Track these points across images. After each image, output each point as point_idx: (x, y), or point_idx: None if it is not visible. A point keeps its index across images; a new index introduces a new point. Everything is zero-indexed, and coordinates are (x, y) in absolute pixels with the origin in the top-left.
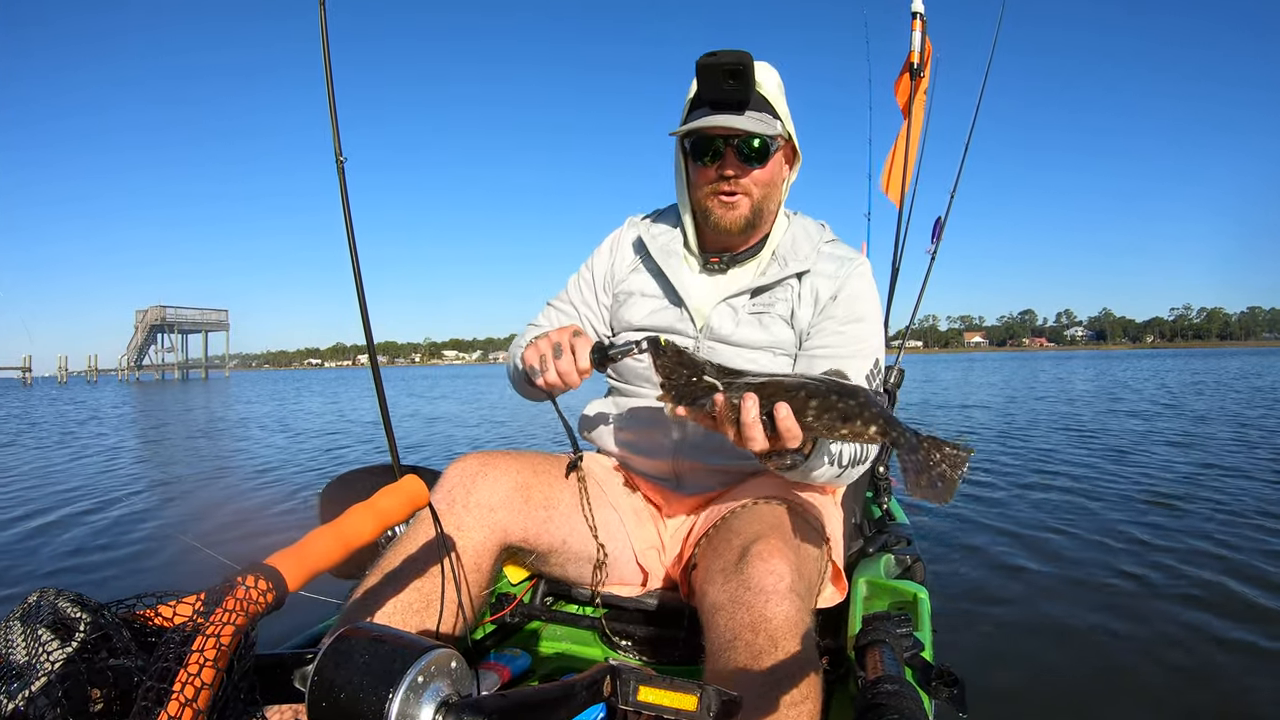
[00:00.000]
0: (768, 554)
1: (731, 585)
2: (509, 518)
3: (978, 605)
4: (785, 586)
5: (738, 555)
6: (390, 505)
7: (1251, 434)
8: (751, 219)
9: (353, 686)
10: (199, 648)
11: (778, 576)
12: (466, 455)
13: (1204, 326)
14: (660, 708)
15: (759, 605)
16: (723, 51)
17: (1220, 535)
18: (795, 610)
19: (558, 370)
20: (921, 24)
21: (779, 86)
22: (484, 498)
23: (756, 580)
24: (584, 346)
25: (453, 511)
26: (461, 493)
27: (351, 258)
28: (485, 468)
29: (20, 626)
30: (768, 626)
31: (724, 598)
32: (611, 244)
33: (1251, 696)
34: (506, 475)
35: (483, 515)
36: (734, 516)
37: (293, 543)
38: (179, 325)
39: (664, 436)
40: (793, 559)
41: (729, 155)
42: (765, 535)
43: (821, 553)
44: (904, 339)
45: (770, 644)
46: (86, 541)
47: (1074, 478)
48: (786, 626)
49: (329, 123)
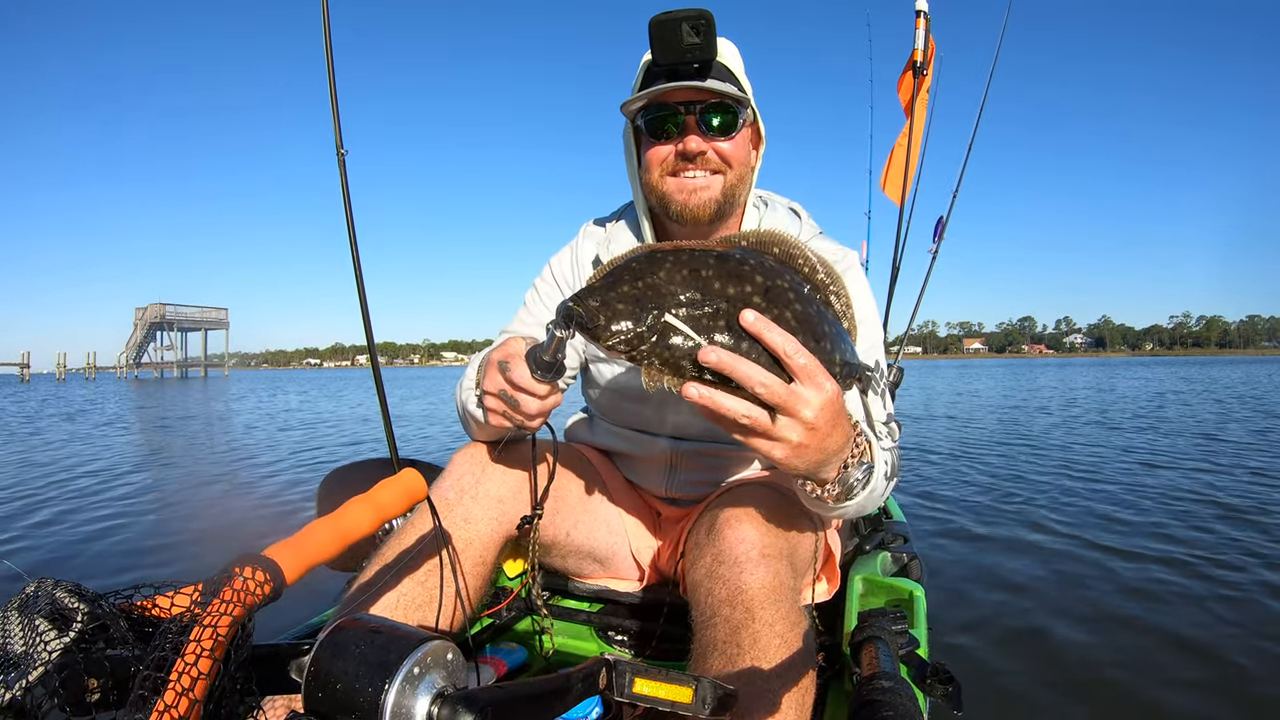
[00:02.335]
0: (735, 521)
1: (706, 560)
2: (518, 510)
3: (974, 604)
4: (757, 553)
5: (708, 528)
6: (389, 498)
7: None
8: (722, 204)
9: (349, 677)
10: (196, 638)
11: (749, 544)
12: (473, 444)
13: (1203, 334)
14: (656, 700)
15: (733, 577)
16: (679, 9)
17: (1226, 535)
18: (772, 576)
19: (519, 412)
20: (925, 22)
21: (737, 57)
22: (494, 489)
23: (728, 550)
24: (520, 367)
25: (461, 503)
26: (471, 482)
27: (352, 250)
28: (494, 459)
29: (17, 616)
30: (743, 597)
31: (700, 574)
32: (572, 255)
33: (1253, 692)
34: (517, 466)
35: (492, 507)
36: (716, 500)
37: (290, 534)
38: (178, 323)
39: (656, 423)
40: (763, 525)
41: (690, 126)
42: (738, 504)
43: (809, 524)
44: (903, 339)
45: (748, 615)
46: (86, 533)
47: (1071, 479)
48: (763, 595)
49: (330, 116)
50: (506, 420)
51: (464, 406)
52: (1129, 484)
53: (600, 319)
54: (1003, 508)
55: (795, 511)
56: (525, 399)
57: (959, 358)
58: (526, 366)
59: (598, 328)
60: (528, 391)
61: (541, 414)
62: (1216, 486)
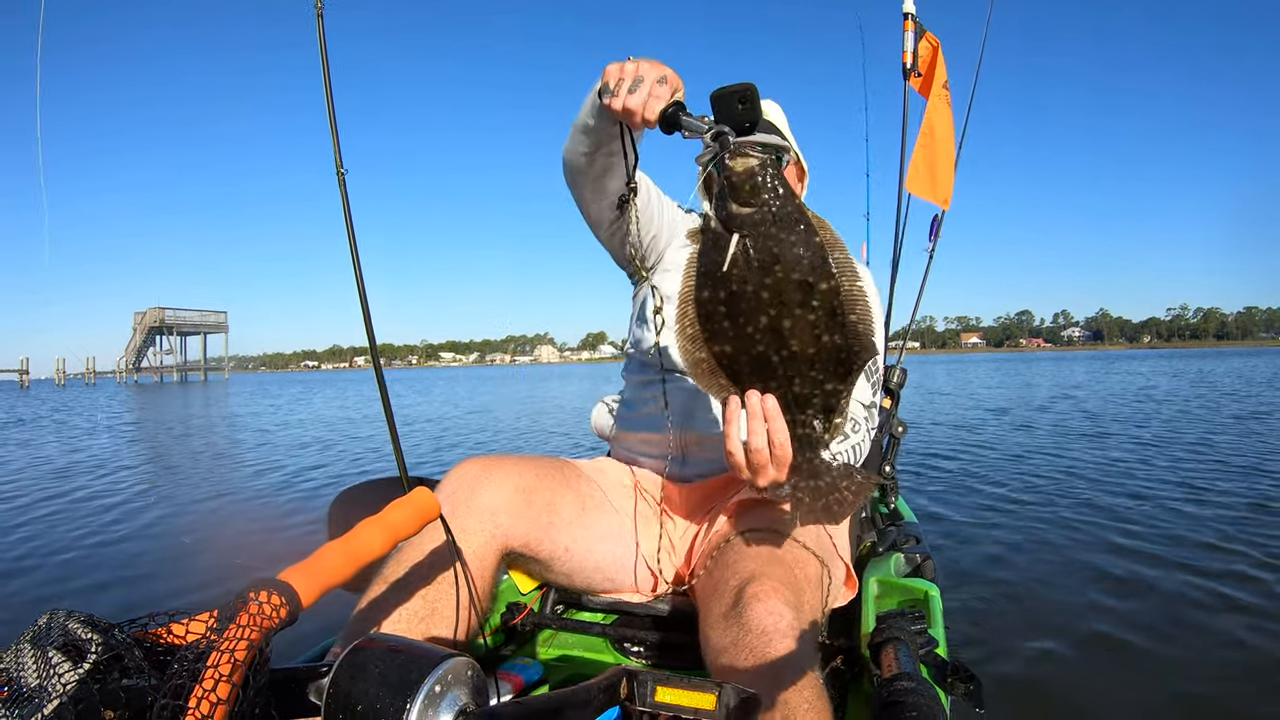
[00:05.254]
0: (764, 595)
1: (733, 630)
2: (510, 522)
3: (990, 602)
4: (785, 625)
5: (734, 598)
6: (400, 519)
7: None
8: None
9: (369, 698)
10: (214, 664)
11: (777, 616)
12: (468, 459)
13: (1201, 326)
14: (679, 708)
15: (760, 647)
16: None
17: (1247, 535)
18: (798, 647)
19: (625, 105)
20: (914, 25)
21: (781, 114)
22: (486, 501)
23: (757, 622)
24: (659, 100)
25: (455, 515)
26: (464, 495)
27: (355, 272)
28: (488, 471)
29: (30, 649)
30: (770, 665)
31: (726, 641)
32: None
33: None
34: (509, 479)
35: (484, 519)
36: (730, 549)
37: (304, 557)
38: (178, 327)
39: (667, 412)
40: (791, 596)
41: None
42: (762, 574)
43: (824, 574)
44: (904, 339)
45: (775, 682)
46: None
47: (1084, 476)
48: (790, 664)
49: (329, 135)
50: (613, 85)
51: (577, 119)
52: (1154, 477)
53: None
54: (1016, 505)
55: (810, 559)
56: (638, 102)
57: (957, 352)
58: (663, 105)
59: (733, 173)
60: (645, 112)
61: (630, 117)
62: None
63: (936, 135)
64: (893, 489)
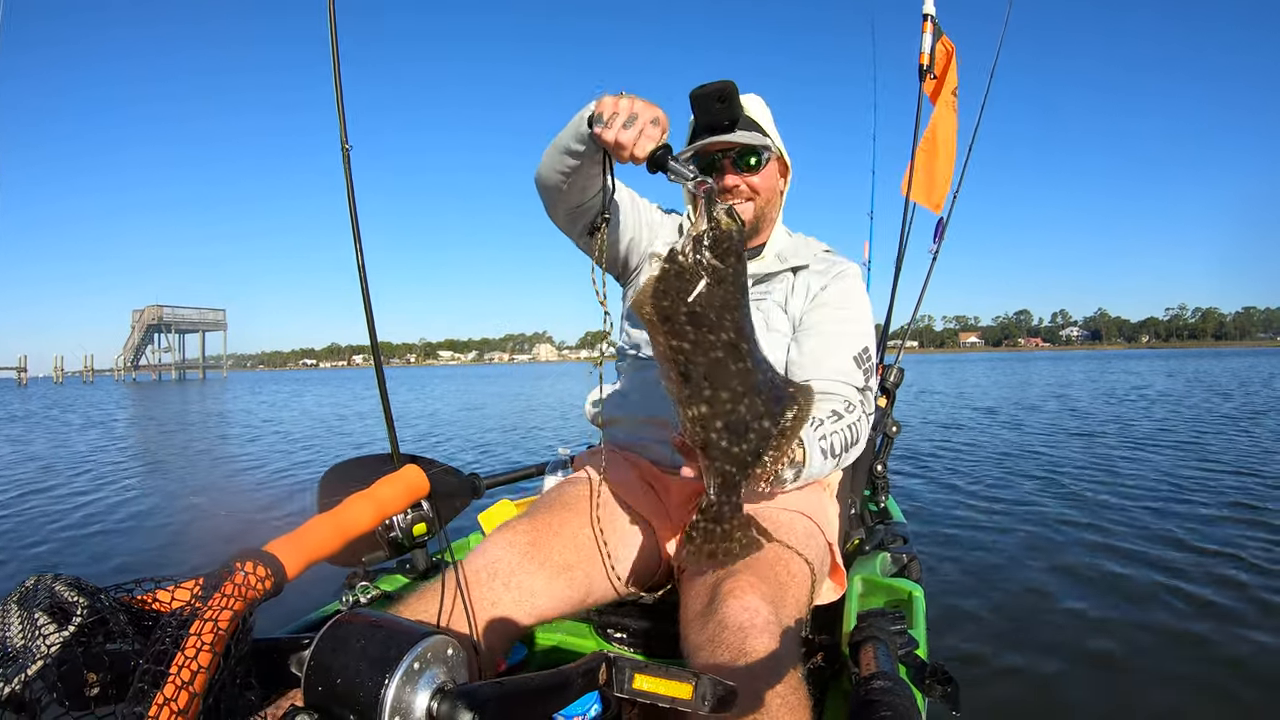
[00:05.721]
0: (741, 591)
1: (710, 626)
2: (549, 604)
3: (973, 605)
4: (762, 621)
5: (710, 594)
6: (390, 494)
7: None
8: (754, 223)
9: (349, 672)
10: (196, 632)
11: (753, 612)
12: (504, 530)
13: (1199, 326)
14: (655, 695)
15: (737, 642)
16: (710, 83)
17: (1235, 538)
18: (775, 643)
19: (618, 138)
20: (933, 26)
21: (764, 108)
22: (526, 581)
23: (733, 618)
24: (650, 140)
25: (492, 585)
26: (505, 568)
27: (355, 247)
28: (525, 559)
29: (17, 610)
30: (746, 661)
31: (703, 637)
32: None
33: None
34: (550, 558)
35: (523, 599)
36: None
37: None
38: (176, 325)
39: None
40: (769, 591)
41: (726, 166)
42: (739, 570)
43: (808, 571)
44: (904, 338)
45: (751, 678)
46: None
47: (1072, 479)
48: (767, 660)
49: (335, 109)
50: (606, 118)
51: (558, 139)
52: (1138, 479)
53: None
54: (1004, 508)
55: (791, 558)
56: (630, 139)
57: (955, 352)
58: (653, 145)
59: (719, 228)
60: (635, 150)
61: (619, 152)
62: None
63: (938, 140)
64: (883, 488)
